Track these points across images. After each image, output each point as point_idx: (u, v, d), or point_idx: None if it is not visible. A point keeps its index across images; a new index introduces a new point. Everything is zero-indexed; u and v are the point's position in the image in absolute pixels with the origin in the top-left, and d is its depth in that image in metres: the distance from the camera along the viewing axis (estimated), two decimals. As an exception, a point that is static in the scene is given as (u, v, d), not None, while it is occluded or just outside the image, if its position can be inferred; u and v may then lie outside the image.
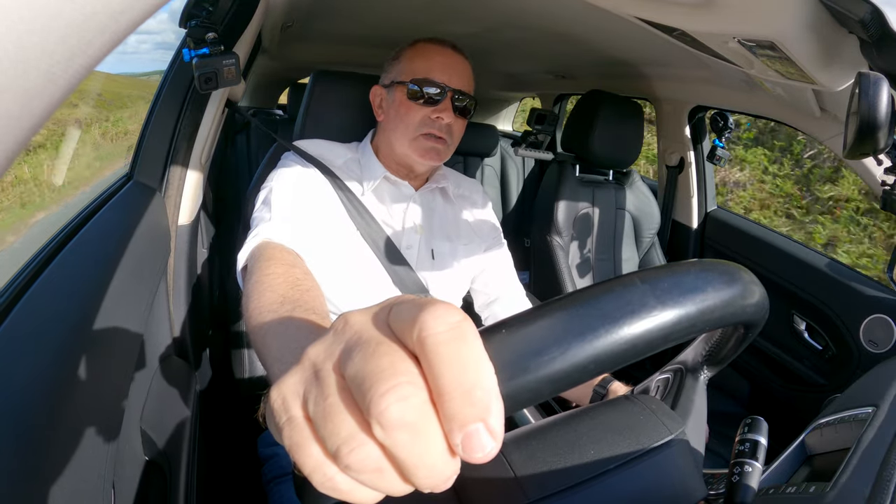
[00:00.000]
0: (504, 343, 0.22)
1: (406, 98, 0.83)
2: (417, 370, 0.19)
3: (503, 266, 0.99)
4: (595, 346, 0.23)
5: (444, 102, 0.83)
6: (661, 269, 0.27)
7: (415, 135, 0.83)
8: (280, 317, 0.45)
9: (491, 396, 0.18)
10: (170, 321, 0.93)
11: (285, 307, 0.47)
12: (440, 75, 0.83)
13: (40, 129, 0.19)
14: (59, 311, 0.52)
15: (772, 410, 1.44)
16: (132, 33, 0.22)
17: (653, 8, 0.76)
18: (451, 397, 0.18)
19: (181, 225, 0.96)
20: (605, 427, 0.38)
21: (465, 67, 0.86)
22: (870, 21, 0.56)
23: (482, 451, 0.18)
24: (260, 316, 0.48)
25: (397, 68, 0.87)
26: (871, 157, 0.64)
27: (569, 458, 0.36)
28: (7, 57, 0.16)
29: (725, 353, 0.41)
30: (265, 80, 2.86)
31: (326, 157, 0.86)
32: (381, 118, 0.89)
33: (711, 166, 1.69)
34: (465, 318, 0.20)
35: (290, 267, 0.58)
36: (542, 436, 0.38)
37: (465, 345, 0.19)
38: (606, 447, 0.36)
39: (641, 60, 1.47)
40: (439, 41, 0.87)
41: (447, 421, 0.18)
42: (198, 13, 0.78)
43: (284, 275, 0.55)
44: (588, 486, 0.34)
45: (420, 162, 0.85)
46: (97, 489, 0.48)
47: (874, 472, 0.36)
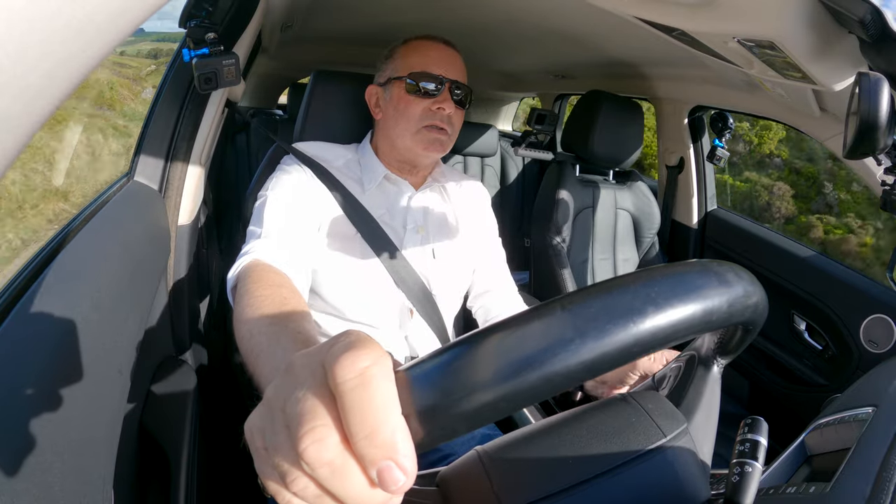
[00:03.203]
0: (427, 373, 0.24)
1: (405, 92, 0.84)
2: (335, 413, 0.22)
3: (497, 260, 1.00)
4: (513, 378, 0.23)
5: (443, 93, 0.84)
6: (585, 294, 0.26)
7: (417, 127, 0.84)
8: (268, 339, 0.47)
9: (395, 437, 0.21)
10: (170, 321, 0.93)
11: (273, 329, 0.49)
12: (437, 68, 0.84)
13: (40, 129, 0.19)
14: (59, 311, 0.52)
15: (772, 410, 1.44)
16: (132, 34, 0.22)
17: (653, 8, 0.76)
18: (356, 439, 0.21)
19: (181, 225, 0.96)
20: (591, 432, 0.36)
21: (458, 60, 0.88)
22: (869, 21, 0.56)
23: (395, 485, 0.21)
24: (251, 339, 0.49)
25: (392, 66, 0.87)
26: (870, 157, 0.64)
27: (548, 467, 0.35)
28: (7, 57, 0.16)
29: (733, 344, 0.41)
30: (265, 80, 2.86)
31: (325, 158, 0.87)
32: (378, 116, 0.89)
33: (711, 166, 1.69)
34: (376, 362, 0.22)
35: (278, 287, 0.60)
36: (526, 443, 0.37)
37: (367, 391, 0.21)
38: (590, 454, 0.35)
39: (641, 60, 1.48)
40: (431, 37, 0.88)
41: (359, 460, 0.21)
42: (198, 13, 0.78)
43: (272, 296, 0.56)
44: (563, 497, 0.33)
45: (424, 154, 0.85)
46: (97, 489, 0.48)
47: (874, 472, 0.36)
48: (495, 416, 0.23)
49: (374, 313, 0.85)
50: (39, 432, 0.41)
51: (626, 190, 1.68)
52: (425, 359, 0.25)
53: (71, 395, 0.46)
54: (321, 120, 1.00)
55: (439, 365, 0.24)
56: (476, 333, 0.25)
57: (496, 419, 0.23)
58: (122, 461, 0.60)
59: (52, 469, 0.40)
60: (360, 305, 0.84)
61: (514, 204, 2.35)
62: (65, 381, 0.46)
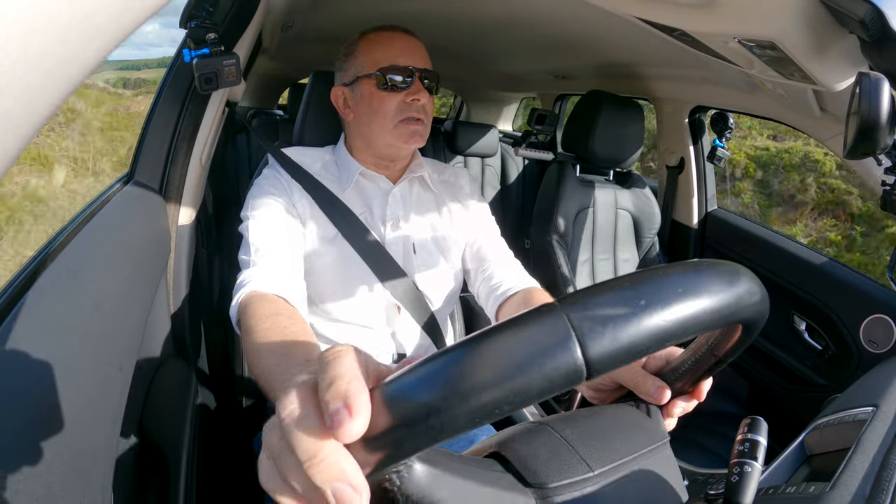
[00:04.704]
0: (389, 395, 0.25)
1: (376, 89, 0.82)
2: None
3: (490, 234, 0.96)
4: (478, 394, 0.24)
5: (414, 84, 0.83)
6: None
7: (394, 122, 0.83)
8: (276, 361, 0.54)
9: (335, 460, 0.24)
10: (170, 321, 0.93)
11: (278, 357, 0.55)
12: (404, 59, 0.83)
13: (41, 129, 0.19)
14: (60, 310, 0.52)
15: (772, 410, 1.44)
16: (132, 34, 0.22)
17: (653, 8, 0.76)
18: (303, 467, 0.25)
19: (181, 225, 0.96)
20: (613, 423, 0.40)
21: (421, 47, 0.87)
22: (870, 21, 0.56)
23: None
24: (259, 363, 0.56)
25: (355, 63, 0.86)
26: (871, 157, 0.64)
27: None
28: (7, 57, 0.16)
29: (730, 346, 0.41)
30: (265, 80, 2.86)
31: (305, 162, 0.87)
32: (350, 117, 0.88)
33: (711, 166, 1.69)
34: (303, 405, 0.26)
35: (276, 316, 0.63)
36: (579, 420, 0.39)
37: (296, 427, 0.25)
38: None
39: (642, 60, 1.48)
40: (389, 27, 0.87)
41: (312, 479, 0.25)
42: (198, 14, 0.78)
43: (272, 328, 0.61)
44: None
45: (405, 147, 0.85)
46: (97, 489, 0.48)
47: (874, 472, 0.37)
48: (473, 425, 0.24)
49: (360, 312, 0.85)
50: (40, 432, 0.41)
51: (626, 190, 1.67)
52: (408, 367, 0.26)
53: (71, 395, 0.46)
54: (321, 120, 1.00)
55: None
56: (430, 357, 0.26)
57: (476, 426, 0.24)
58: (121, 461, 0.60)
59: (52, 468, 0.40)
60: (346, 305, 0.84)
61: (515, 204, 2.35)
62: (65, 381, 0.46)
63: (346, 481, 0.24)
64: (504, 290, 0.85)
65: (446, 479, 0.29)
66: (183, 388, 0.85)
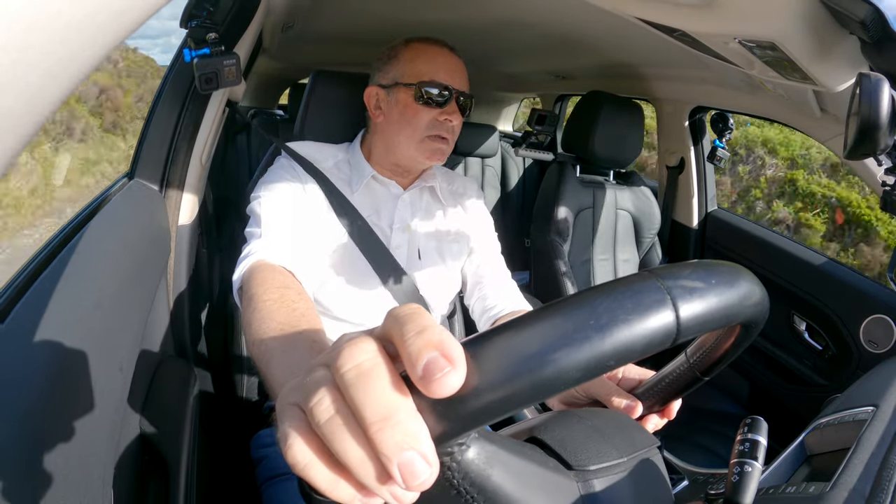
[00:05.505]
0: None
1: (413, 101, 0.82)
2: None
3: (490, 253, 0.98)
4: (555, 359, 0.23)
5: (450, 104, 0.83)
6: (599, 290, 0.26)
7: (422, 136, 0.83)
8: (281, 345, 0.50)
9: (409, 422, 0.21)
10: (170, 321, 0.93)
11: (284, 335, 0.51)
12: (445, 77, 0.83)
13: (41, 128, 0.19)
14: (59, 311, 0.52)
15: (772, 410, 1.44)
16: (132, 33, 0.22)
17: (654, 8, 0.76)
18: (368, 426, 0.21)
19: (181, 225, 0.96)
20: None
21: (462, 67, 0.87)
22: (870, 21, 0.56)
23: (416, 479, 0.20)
24: (262, 344, 0.52)
25: (396, 69, 0.85)
26: (871, 157, 0.64)
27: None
28: (8, 56, 0.16)
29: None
30: (266, 80, 2.87)
31: (316, 158, 0.86)
32: (379, 119, 0.87)
33: (711, 166, 1.69)
34: (375, 357, 0.22)
35: (285, 289, 0.61)
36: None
37: (368, 381, 0.21)
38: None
39: (642, 61, 1.48)
40: (436, 41, 0.86)
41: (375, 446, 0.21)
42: (199, 13, 0.78)
43: (280, 300, 0.58)
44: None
45: (426, 163, 0.85)
46: (96, 490, 0.48)
47: (874, 472, 0.37)
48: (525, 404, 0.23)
49: (361, 312, 0.85)
50: (41, 431, 0.41)
51: (626, 190, 1.67)
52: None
53: (72, 394, 0.47)
54: (320, 120, 1.00)
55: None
56: (518, 320, 0.25)
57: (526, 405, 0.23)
58: (121, 460, 0.60)
59: (52, 467, 0.40)
60: (347, 304, 0.84)
61: (515, 204, 2.35)
62: (66, 380, 0.46)
63: (420, 450, 0.20)
64: (498, 311, 0.88)
65: (502, 457, 0.27)
66: (182, 388, 0.84)
